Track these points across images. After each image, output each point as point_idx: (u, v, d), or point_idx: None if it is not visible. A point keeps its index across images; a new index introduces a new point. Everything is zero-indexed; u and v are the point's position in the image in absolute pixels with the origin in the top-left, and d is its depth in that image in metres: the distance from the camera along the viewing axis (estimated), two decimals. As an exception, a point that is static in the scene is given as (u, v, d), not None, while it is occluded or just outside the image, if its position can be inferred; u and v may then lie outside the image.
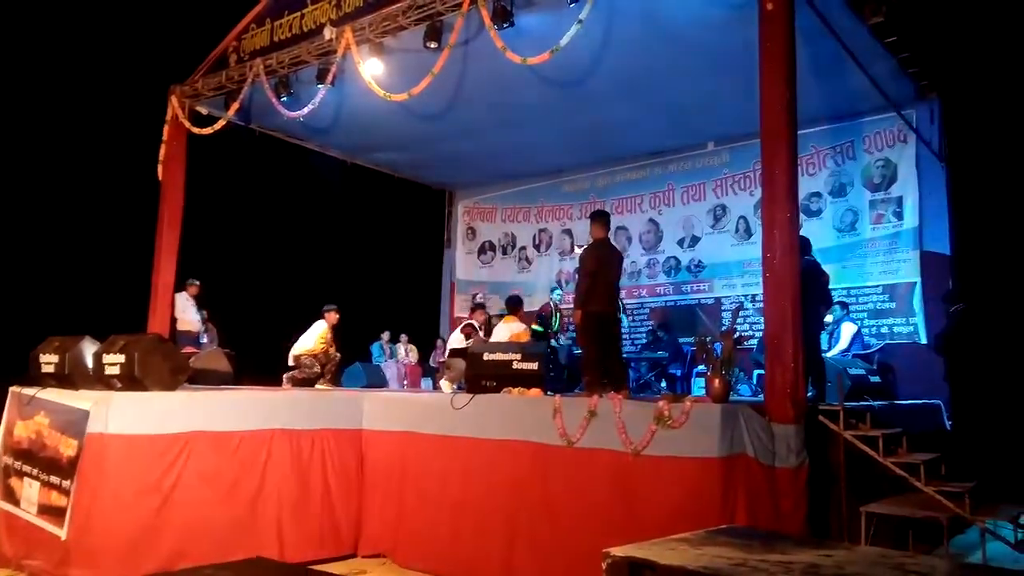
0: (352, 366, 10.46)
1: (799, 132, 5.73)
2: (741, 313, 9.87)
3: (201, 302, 10.37)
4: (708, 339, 5.85)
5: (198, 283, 10.30)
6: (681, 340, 10.84)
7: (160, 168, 9.58)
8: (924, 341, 9.23)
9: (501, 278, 13.04)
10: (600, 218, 6.83)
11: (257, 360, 9.69)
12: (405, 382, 11.93)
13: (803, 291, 5.37)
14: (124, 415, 5.01)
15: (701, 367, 10.34)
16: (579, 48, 7.02)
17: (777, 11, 5.52)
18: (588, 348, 6.44)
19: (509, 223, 13.20)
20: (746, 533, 2.69)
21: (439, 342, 12.90)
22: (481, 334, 9.11)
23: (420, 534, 5.74)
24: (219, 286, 10.99)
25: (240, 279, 11.97)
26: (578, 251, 7.54)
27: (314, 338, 8.43)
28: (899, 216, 9.61)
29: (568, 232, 12.53)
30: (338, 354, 8.75)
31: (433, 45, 7.49)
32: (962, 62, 9.02)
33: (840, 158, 10.06)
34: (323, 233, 13.33)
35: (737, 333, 7.95)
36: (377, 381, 11.13)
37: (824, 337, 8.31)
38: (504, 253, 13.20)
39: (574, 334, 9.32)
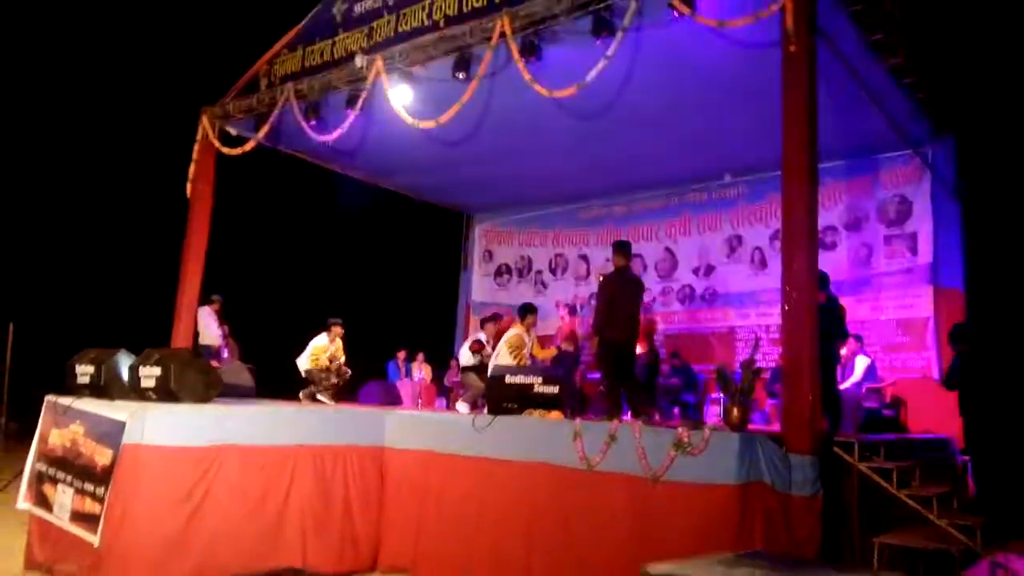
0: (367, 384, 10.62)
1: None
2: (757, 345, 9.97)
3: (222, 318, 10.56)
4: (726, 369, 5.96)
5: (220, 299, 10.50)
6: (694, 368, 10.96)
7: (189, 186, 9.83)
8: (936, 376, 9.32)
9: (517, 301, 13.16)
10: (621, 248, 7.00)
11: (275, 375, 9.89)
12: (420, 401, 12.06)
13: (820, 325, 5.50)
14: (159, 427, 5.18)
15: (714, 395, 10.48)
16: (602, 81, 7.21)
17: (800, 53, 5.70)
18: (606, 376, 6.58)
19: (526, 247, 13.39)
20: (773, 558, 2.82)
21: (453, 362, 13.04)
22: (489, 348, 9.17)
23: (440, 551, 5.86)
24: (241, 302, 11.21)
25: (260, 295, 12.21)
26: (597, 278, 7.68)
27: (309, 352, 8.59)
28: (913, 251, 9.74)
29: (584, 258, 12.72)
30: (349, 370, 8.92)
31: (461, 76, 7.71)
32: (978, 102, 9.21)
33: (856, 193, 10.21)
34: (342, 253, 13.57)
35: (756, 364, 8.05)
36: (392, 399, 11.29)
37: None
38: (520, 276, 13.38)
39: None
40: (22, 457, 9.70)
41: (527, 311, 8.08)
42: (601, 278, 7.45)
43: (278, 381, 9.75)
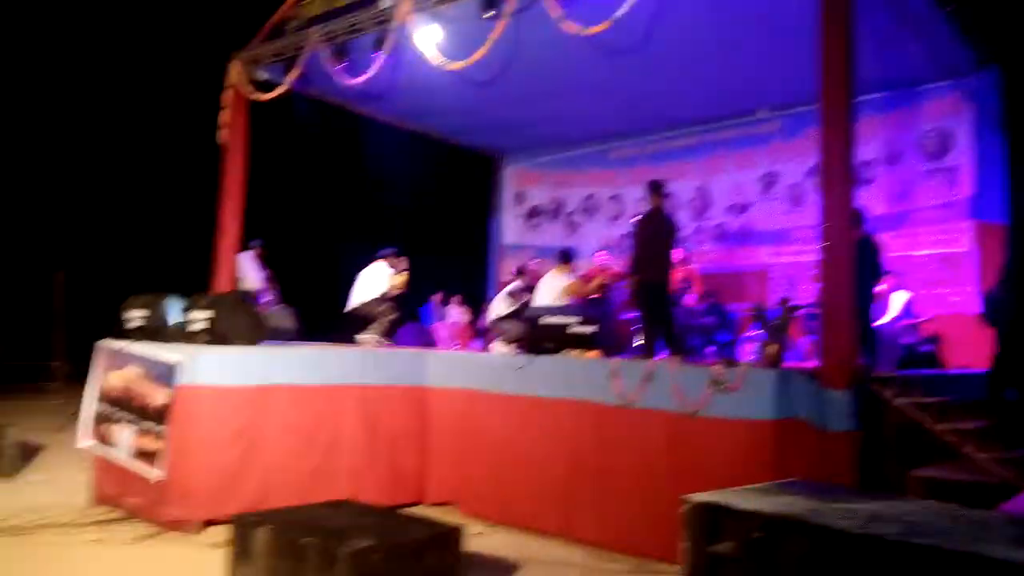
0: (404, 327, 10.80)
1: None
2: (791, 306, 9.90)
3: (264, 262, 10.75)
4: (762, 307, 6.00)
5: (261, 244, 10.67)
6: (728, 307, 10.97)
7: (221, 133, 9.91)
8: (977, 311, 9.24)
9: (549, 242, 13.22)
10: (655, 188, 6.98)
11: (313, 318, 10.11)
12: (456, 344, 12.25)
13: (857, 262, 5.49)
14: (211, 368, 5.39)
15: (748, 334, 10.51)
16: (633, 15, 7.08)
17: (840, -20, 5.55)
18: (642, 314, 6.65)
19: (557, 188, 13.34)
20: (810, 486, 2.91)
21: (487, 304, 13.19)
22: (524, 297, 9.23)
23: (484, 486, 6.08)
24: (278, 246, 11.38)
25: (294, 241, 12.36)
26: (634, 220, 7.69)
27: (376, 283, 8.57)
28: (954, 185, 9.55)
29: (616, 198, 12.65)
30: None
31: (490, 14, 7.62)
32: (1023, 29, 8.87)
33: (894, 126, 9.98)
34: (375, 197, 13.64)
35: (791, 301, 8.07)
36: (428, 342, 11.48)
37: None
38: (552, 217, 13.37)
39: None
40: (75, 398, 10.15)
41: (570, 255, 8.16)
42: (635, 219, 7.46)
43: (315, 323, 9.98)
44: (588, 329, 6.06)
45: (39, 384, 10.71)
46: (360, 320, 8.75)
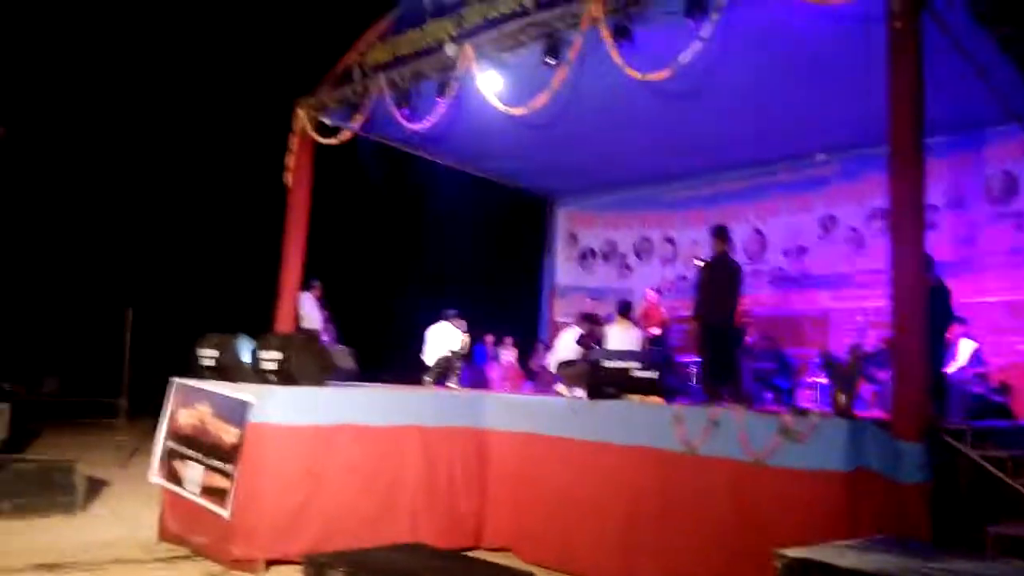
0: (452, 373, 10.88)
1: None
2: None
3: (323, 302, 10.98)
4: (831, 354, 5.91)
5: (320, 284, 10.91)
6: (786, 351, 10.80)
7: (287, 176, 10.23)
8: (1049, 360, 8.96)
9: (602, 284, 13.24)
10: (720, 233, 6.98)
11: (371, 358, 10.27)
12: (507, 384, 12.27)
13: (927, 310, 5.39)
14: (282, 407, 5.52)
15: (807, 380, 10.32)
16: (691, 60, 7.16)
17: (906, 29, 5.55)
18: (706, 359, 6.60)
19: (610, 230, 13.39)
20: (899, 543, 2.85)
21: (540, 346, 13.20)
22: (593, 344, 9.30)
23: (542, 531, 6.03)
24: (336, 286, 11.63)
25: (351, 281, 12.61)
26: (696, 263, 7.69)
27: (447, 341, 9.09)
28: (1021, 230, 9.33)
29: (670, 240, 12.64)
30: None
31: (552, 61, 7.78)
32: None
33: (958, 170, 9.82)
34: (427, 239, 13.87)
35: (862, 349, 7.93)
36: (481, 383, 11.53)
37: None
38: (605, 259, 13.40)
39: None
40: (138, 435, 10.40)
41: (629, 307, 8.58)
42: (701, 263, 7.46)
43: (373, 364, 10.13)
44: (650, 374, 6.03)
45: (104, 420, 11.01)
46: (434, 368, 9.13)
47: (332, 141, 9.93)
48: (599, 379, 6.26)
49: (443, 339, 9.23)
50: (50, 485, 6.91)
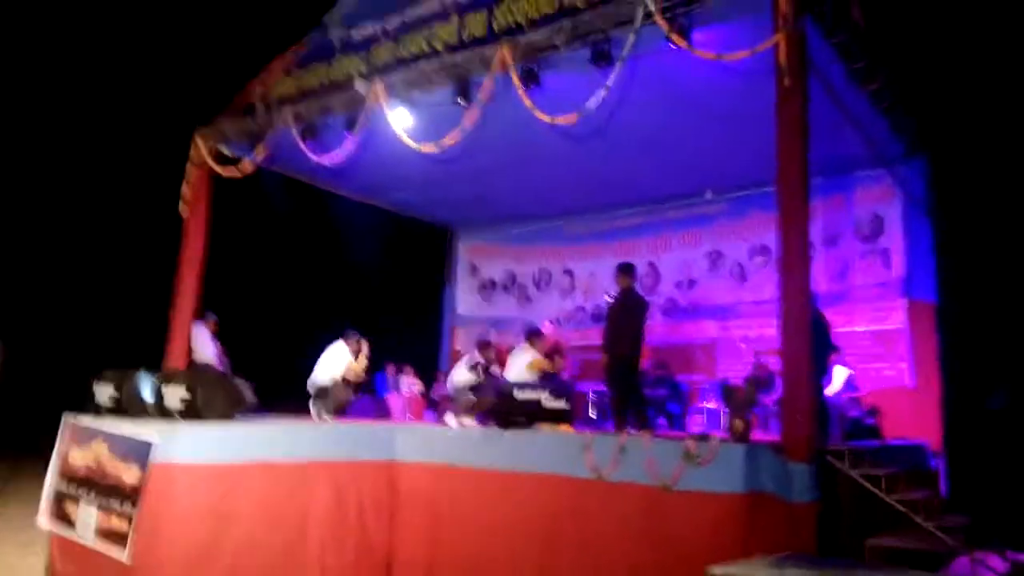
0: (358, 399, 10.76)
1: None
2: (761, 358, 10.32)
3: (216, 336, 10.62)
4: (729, 383, 6.29)
5: (216, 318, 10.57)
6: (678, 378, 11.31)
7: (183, 206, 9.92)
8: (911, 385, 9.78)
9: (502, 314, 13.45)
10: (626, 270, 7.33)
11: (268, 390, 10.00)
12: (409, 414, 12.21)
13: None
14: (186, 445, 5.34)
15: (698, 406, 10.85)
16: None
17: (794, 86, 6.07)
18: (615, 390, 6.88)
19: (511, 262, 13.66)
20: (806, 559, 3.10)
21: (441, 375, 13.23)
22: (489, 371, 9.43)
23: (455, 562, 6.08)
24: (230, 318, 11.27)
25: (248, 311, 12.27)
26: (608, 299, 8.01)
27: (337, 365, 8.76)
28: (887, 266, 10.20)
29: (569, 272, 13.04)
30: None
31: (462, 101, 7.97)
32: (948, 124, 9.73)
33: (832, 210, 10.65)
34: (327, 269, 13.69)
35: (759, 378, 8.43)
36: (382, 413, 11.44)
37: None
38: (505, 290, 13.63)
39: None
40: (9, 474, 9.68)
41: (537, 334, 8.61)
42: (608, 298, 7.78)
43: (272, 397, 9.86)
44: (560, 404, 6.23)
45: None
46: (316, 395, 8.90)
47: (233, 173, 9.71)
48: (509, 409, 6.40)
49: (329, 362, 9.00)
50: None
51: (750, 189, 10.92)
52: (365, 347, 9.13)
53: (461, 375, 9.35)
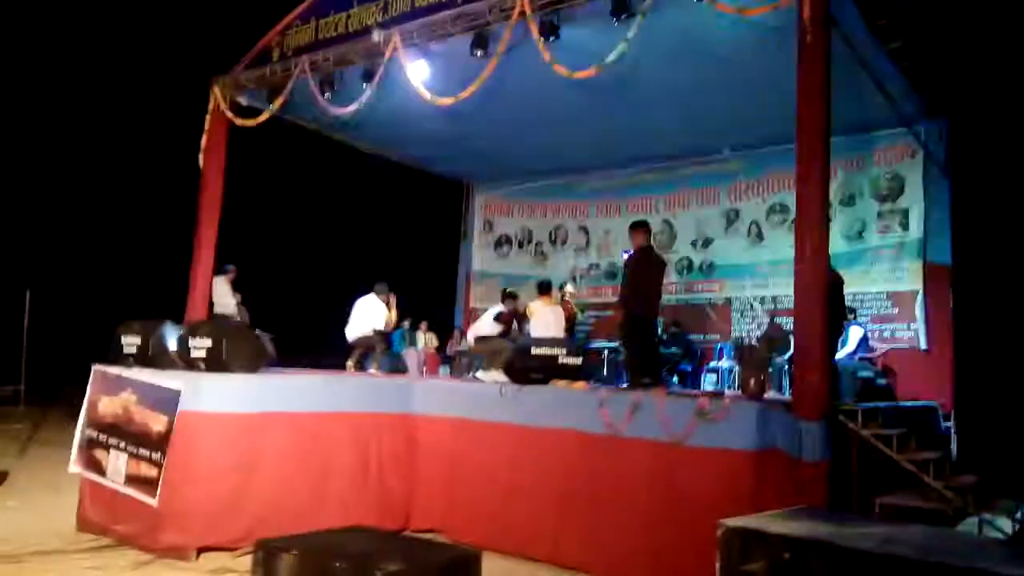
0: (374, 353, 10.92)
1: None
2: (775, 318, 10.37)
3: (235, 287, 10.76)
4: (745, 341, 6.35)
5: (234, 268, 10.69)
6: (691, 337, 11.40)
7: (201, 157, 9.96)
8: (924, 347, 9.83)
9: (517, 271, 13.50)
10: (641, 227, 7.33)
11: (287, 341, 10.16)
12: (424, 369, 12.40)
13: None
14: (213, 395, 5.49)
15: (711, 364, 10.94)
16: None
17: (816, 42, 6.01)
18: (630, 348, 6.96)
19: (526, 218, 13.65)
20: (817, 513, 3.20)
21: (456, 332, 13.38)
22: (513, 322, 9.53)
23: (472, 513, 6.24)
24: (249, 270, 11.39)
25: (267, 263, 12.37)
26: (624, 257, 8.05)
27: (374, 317, 8.99)
28: (905, 227, 10.16)
29: (584, 229, 13.03)
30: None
31: (480, 53, 7.91)
32: (969, 85, 9.58)
33: (851, 169, 10.57)
34: (345, 222, 13.73)
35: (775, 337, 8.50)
36: (397, 368, 11.60)
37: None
38: (520, 247, 13.66)
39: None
40: (37, 422, 9.96)
41: (549, 286, 8.97)
42: (625, 256, 7.82)
43: (288, 349, 10.02)
44: (575, 360, 6.32)
45: (1, 408, 10.47)
46: (356, 349, 9.00)
47: (249, 122, 9.73)
48: (526, 365, 6.50)
49: (367, 314, 9.07)
50: (-48, 477, 6.58)
51: (769, 147, 10.82)
52: (393, 299, 9.24)
53: (485, 326, 9.42)
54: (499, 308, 9.40)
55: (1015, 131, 9.80)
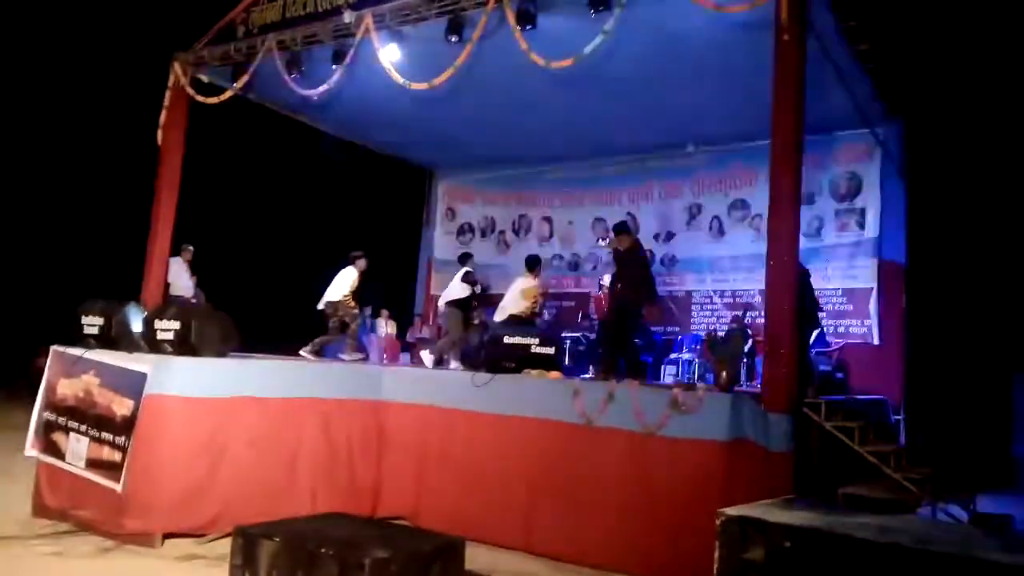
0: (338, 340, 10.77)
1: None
2: (746, 312, 10.53)
3: (192, 268, 10.49)
4: (716, 333, 6.45)
5: (192, 248, 10.42)
6: (652, 329, 11.51)
7: (160, 133, 9.67)
8: (876, 342, 10.12)
9: (479, 259, 13.39)
10: (625, 229, 7.58)
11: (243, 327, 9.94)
12: (385, 356, 12.28)
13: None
14: (181, 378, 5.34)
15: (671, 356, 11.08)
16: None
17: (792, 41, 6.11)
18: (607, 336, 7.06)
19: (489, 206, 13.60)
20: (807, 503, 3.26)
21: (417, 319, 13.29)
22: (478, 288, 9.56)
23: (442, 500, 6.21)
24: (205, 251, 11.11)
25: (223, 246, 12.09)
26: (602, 244, 8.08)
27: (348, 284, 8.87)
28: (861, 226, 10.42)
29: (547, 219, 13.05)
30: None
31: (455, 39, 7.84)
32: (926, 88, 9.87)
33: (811, 168, 10.75)
34: (305, 204, 13.49)
35: (745, 329, 8.65)
36: (362, 354, 11.48)
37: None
38: (483, 235, 13.61)
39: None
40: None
41: (537, 262, 8.83)
42: (613, 253, 8.06)
43: (246, 331, 9.80)
44: (548, 350, 6.33)
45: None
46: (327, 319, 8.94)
47: (211, 100, 9.47)
48: (499, 354, 6.48)
49: (340, 282, 9.05)
50: None
51: (733, 143, 10.98)
52: (363, 263, 9.32)
53: (455, 290, 9.34)
54: (465, 270, 9.37)
55: (970, 134, 10.16)
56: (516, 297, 8.33)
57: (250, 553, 3.63)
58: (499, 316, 8.48)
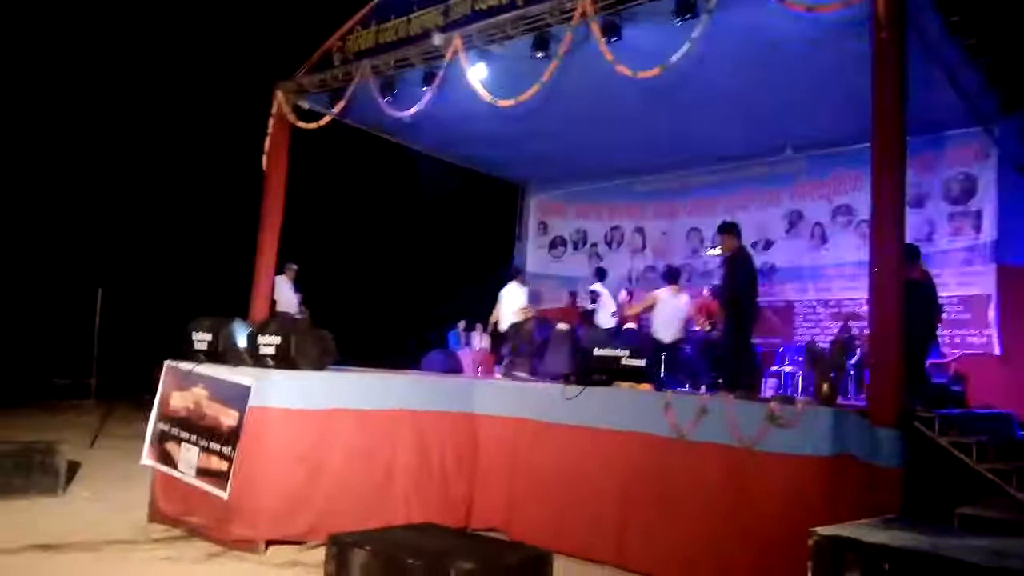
0: (431, 352, 10.97)
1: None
2: (850, 322, 10.13)
3: (297, 286, 10.95)
4: (817, 344, 6.21)
5: (296, 267, 10.87)
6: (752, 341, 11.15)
7: (265, 159, 10.17)
8: (998, 352, 9.47)
9: (572, 273, 13.45)
10: (732, 228, 7.59)
11: (345, 342, 10.28)
12: (479, 369, 12.41)
13: (911, 300, 5.72)
14: (282, 391, 5.57)
15: (772, 369, 10.72)
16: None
17: (891, 38, 5.83)
18: (728, 346, 7.00)
19: (581, 219, 13.60)
20: (910, 523, 3.08)
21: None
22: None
23: (533, 514, 6.20)
24: (310, 270, 11.58)
25: (327, 264, 12.57)
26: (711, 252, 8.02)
27: (519, 301, 9.31)
28: (977, 229, 9.81)
29: (640, 231, 12.91)
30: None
31: (540, 55, 7.90)
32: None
33: (920, 170, 10.24)
34: (402, 223, 13.86)
35: (847, 341, 8.33)
36: (453, 367, 11.63)
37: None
38: (575, 248, 13.60)
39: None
40: (106, 415, 10.26)
41: (678, 274, 9.54)
42: (722, 256, 8.15)
43: (348, 348, 10.13)
44: (639, 362, 6.24)
45: (73, 401, 10.82)
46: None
47: (311, 125, 9.90)
48: (589, 367, 6.44)
49: (512, 302, 9.33)
50: (31, 466, 6.82)
51: (832, 148, 10.58)
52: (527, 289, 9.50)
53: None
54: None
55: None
56: (676, 315, 8.74)
57: (343, 561, 3.73)
58: (664, 334, 8.85)
